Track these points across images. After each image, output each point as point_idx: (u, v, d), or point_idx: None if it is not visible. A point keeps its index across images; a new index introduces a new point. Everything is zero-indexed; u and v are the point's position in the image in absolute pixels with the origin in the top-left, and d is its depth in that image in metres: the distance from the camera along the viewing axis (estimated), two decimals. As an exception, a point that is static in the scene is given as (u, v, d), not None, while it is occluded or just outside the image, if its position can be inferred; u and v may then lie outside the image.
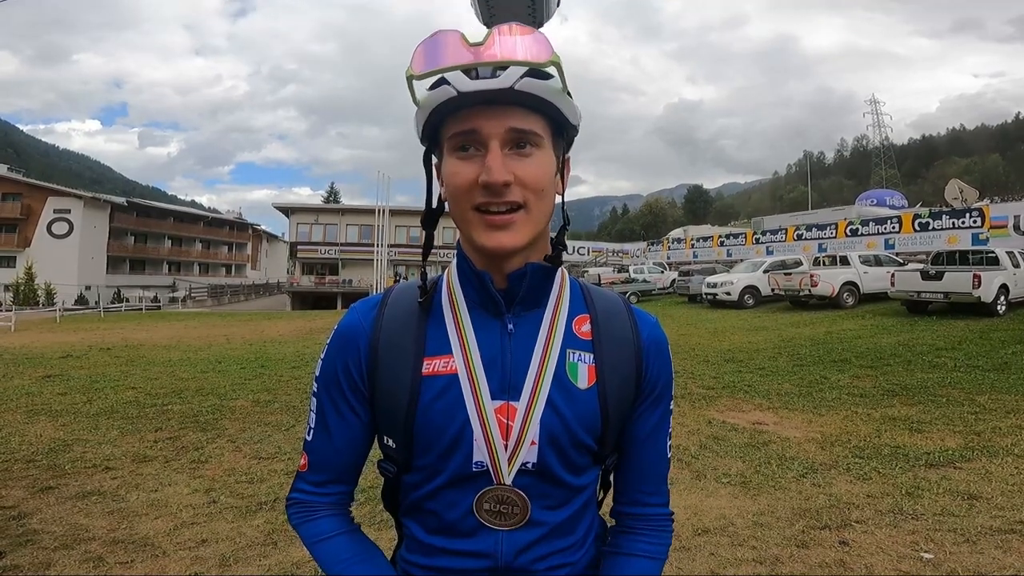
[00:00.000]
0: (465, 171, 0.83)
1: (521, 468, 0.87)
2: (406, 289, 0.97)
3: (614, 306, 0.98)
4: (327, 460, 0.95)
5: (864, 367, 8.88)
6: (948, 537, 3.45)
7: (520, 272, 0.88)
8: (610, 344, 0.94)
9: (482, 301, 0.91)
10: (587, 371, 0.91)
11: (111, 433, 6.08)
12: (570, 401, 0.89)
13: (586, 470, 0.93)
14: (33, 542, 3.55)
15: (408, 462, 0.91)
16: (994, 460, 4.74)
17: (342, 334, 0.94)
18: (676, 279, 25.96)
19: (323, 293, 46.56)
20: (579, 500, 0.93)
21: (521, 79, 0.80)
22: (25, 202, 49.24)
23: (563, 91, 0.84)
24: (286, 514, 0.97)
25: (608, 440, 0.93)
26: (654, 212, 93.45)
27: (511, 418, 0.87)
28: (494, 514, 0.88)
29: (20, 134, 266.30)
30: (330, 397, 0.94)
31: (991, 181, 68.78)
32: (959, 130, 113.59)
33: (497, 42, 0.80)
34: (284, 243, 66.34)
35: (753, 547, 3.41)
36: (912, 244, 20.69)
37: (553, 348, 0.90)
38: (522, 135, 0.83)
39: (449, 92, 0.80)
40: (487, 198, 0.82)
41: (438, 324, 0.92)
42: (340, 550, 0.91)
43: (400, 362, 0.90)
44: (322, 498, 0.95)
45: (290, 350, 13.41)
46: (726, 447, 5.33)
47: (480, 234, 0.84)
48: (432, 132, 0.88)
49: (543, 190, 0.85)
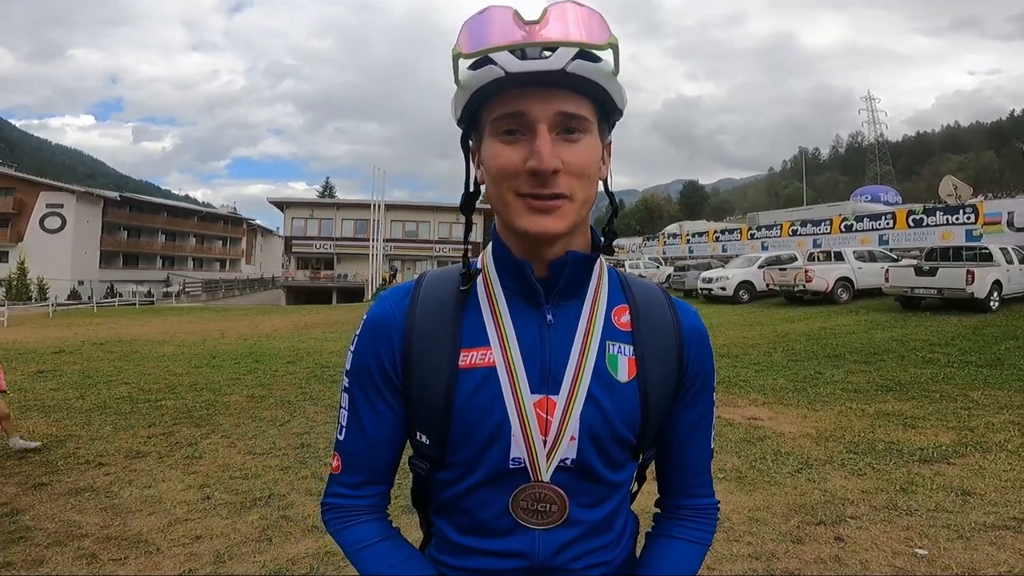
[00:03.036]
0: (510, 155, 0.79)
1: (560, 465, 0.84)
2: (439, 276, 0.93)
3: (654, 296, 0.95)
4: (363, 459, 0.91)
5: (858, 363, 8.91)
6: (942, 533, 3.46)
7: (562, 261, 0.84)
8: (650, 335, 0.90)
9: (520, 291, 0.87)
10: (627, 363, 0.88)
11: (104, 429, 6.05)
12: (611, 395, 0.86)
13: (624, 466, 0.91)
14: (25, 539, 3.53)
15: (442, 458, 0.87)
16: (987, 456, 4.76)
17: (373, 325, 0.90)
18: (672, 274, 25.95)
19: (318, 288, 46.42)
20: (617, 497, 0.91)
21: (572, 61, 0.75)
22: (17, 197, 48.92)
23: (613, 74, 0.80)
24: (322, 520, 0.93)
25: (648, 435, 0.90)
26: (650, 207, 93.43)
27: (550, 413, 0.84)
28: (531, 513, 0.85)
29: (13, 129, 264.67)
30: (363, 392, 0.90)
31: (985, 178, 69.12)
32: (954, 127, 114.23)
33: (552, 20, 0.76)
34: (279, 238, 66.23)
35: (748, 543, 3.41)
36: (906, 240, 20.72)
37: (593, 340, 0.87)
38: (571, 119, 0.79)
39: (496, 72, 0.76)
40: (533, 187, 0.78)
41: (475, 314, 0.88)
42: (383, 558, 0.87)
43: (436, 354, 0.86)
44: (360, 501, 0.91)
45: (285, 345, 13.36)
46: (721, 442, 5.34)
47: (523, 219, 0.80)
48: (472, 114, 0.83)
49: (589, 177, 0.81)
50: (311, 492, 4.29)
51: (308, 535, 3.59)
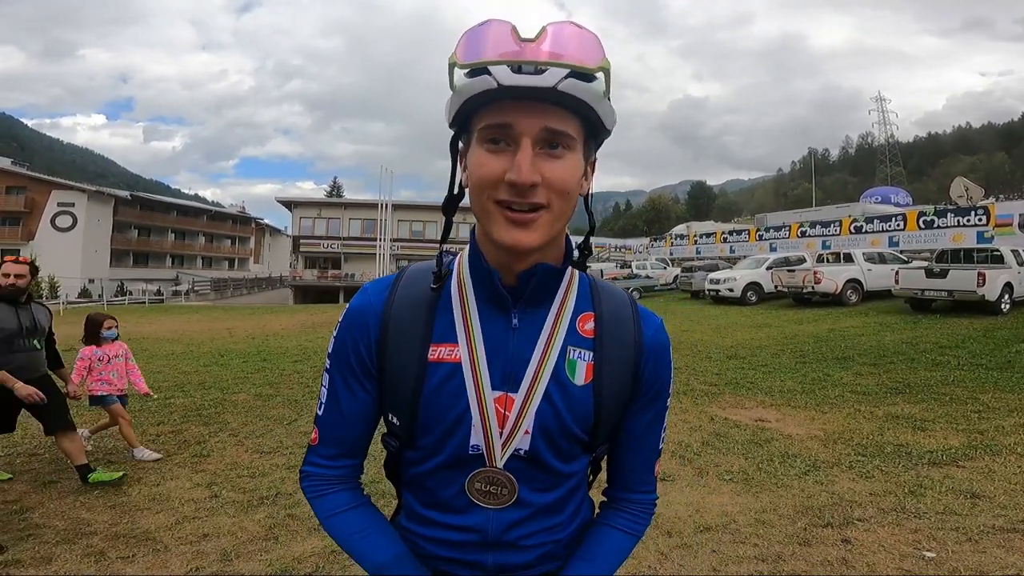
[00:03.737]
0: (492, 164, 0.82)
1: (513, 454, 0.92)
2: (418, 272, 0.99)
3: (621, 306, 1.00)
4: (337, 434, 0.98)
5: (867, 365, 8.85)
6: (951, 536, 3.43)
7: (530, 272, 0.89)
8: (611, 344, 0.96)
9: (489, 296, 0.92)
10: (585, 368, 0.94)
11: (113, 427, 6.08)
12: (565, 396, 0.92)
13: (576, 458, 0.97)
14: (35, 536, 3.56)
15: (410, 440, 0.95)
16: (997, 459, 4.72)
17: (354, 313, 0.97)
18: (679, 275, 25.92)
19: (326, 287, 46.63)
20: (567, 484, 0.98)
21: (565, 79, 0.78)
22: (29, 195, 49.38)
23: (604, 95, 0.83)
24: (301, 487, 1.01)
25: (600, 433, 0.96)
26: (657, 208, 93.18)
27: (508, 408, 0.91)
28: (484, 494, 0.93)
29: (25, 128, 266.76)
30: (341, 373, 0.97)
31: (997, 179, 68.59)
32: (965, 128, 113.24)
33: (549, 39, 0.79)
34: (287, 237, 66.49)
35: (755, 545, 3.40)
36: (917, 242, 20.56)
37: (554, 345, 0.93)
38: (556, 136, 0.82)
39: (489, 83, 0.79)
40: (511, 196, 0.82)
41: (446, 312, 0.94)
42: (352, 524, 0.97)
43: (407, 346, 0.92)
44: (333, 471, 0.99)
45: (292, 344, 13.42)
46: (728, 444, 5.32)
47: (499, 229, 0.84)
48: (464, 119, 0.87)
49: (568, 192, 0.84)
50: (317, 491, 4.31)
51: (314, 534, 3.60)
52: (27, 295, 4.31)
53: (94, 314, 5.33)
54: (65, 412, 4.38)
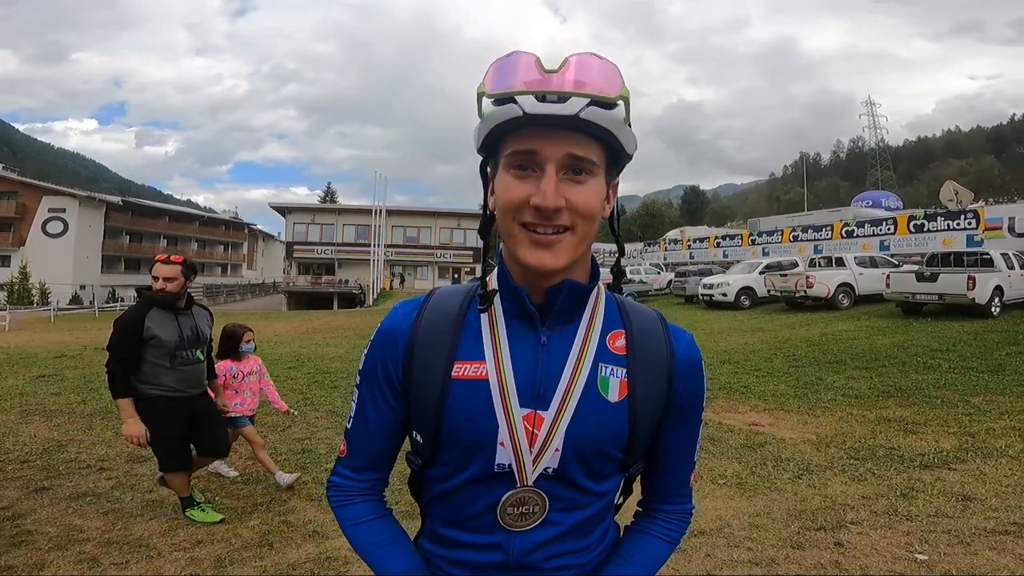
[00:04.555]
0: (518, 189, 0.85)
1: (542, 473, 0.92)
2: (447, 293, 1.02)
3: (650, 323, 1.01)
4: (363, 448, 1.02)
5: (859, 368, 8.91)
6: (942, 538, 3.46)
7: (556, 288, 0.91)
8: (644, 360, 0.97)
9: (518, 313, 0.94)
10: (619, 385, 0.94)
11: (106, 433, 6.05)
12: (599, 413, 0.92)
13: (609, 477, 0.98)
14: (27, 543, 3.53)
15: (433, 457, 0.96)
16: (988, 461, 4.76)
17: (383, 333, 1.00)
18: (673, 280, 25.94)
19: (319, 293, 46.45)
20: (597, 505, 0.97)
21: (587, 107, 0.82)
22: (20, 201, 49.10)
23: (624, 122, 0.86)
24: (327, 495, 1.05)
25: (635, 450, 0.97)
26: (651, 213, 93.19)
27: (537, 426, 0.91)
28: (516, 517, 0.93)
29: (16, 133, 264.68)
30: (369, 390, 1.00)
31: (986, 183, 69.04)
32: (955, 132, 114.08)
33: (572, 70, 0.83)
34: (280, 243, 66.29)
35: (749, 548, 3.42)
36: (907, 246, 20.69)
37: (585, 362, 0.94)
38: (579, 162, 0.85)
39: (515, 111, 0.82)
40: (536, 219, 0.85)
41: (475, 330, 0.96)
42: (373, 534, 0.99)
43: (432, 363, 0.94)
44: (358, 483, 1.03)
45: (286, 351, 13.37)
46: (722, 448, 5.34)
47: (524, 250, 0.87)
48: (491, 145, 0.90)
49: (592, 215, 0.88)
50: (312, 497, 4.30)
51: (309, 540, 3.59)
52: (187, 298, 3.87)
53: (232, 325, 4.80)
54: (226, 436, 4.17)
